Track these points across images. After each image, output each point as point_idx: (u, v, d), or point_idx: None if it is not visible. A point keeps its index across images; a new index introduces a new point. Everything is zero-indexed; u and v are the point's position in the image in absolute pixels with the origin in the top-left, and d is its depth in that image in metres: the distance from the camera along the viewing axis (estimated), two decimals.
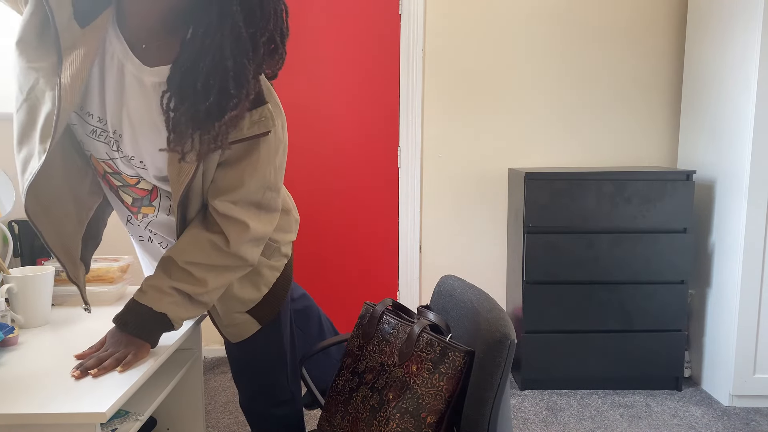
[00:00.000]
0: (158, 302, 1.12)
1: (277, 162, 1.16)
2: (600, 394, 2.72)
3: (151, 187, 1.19)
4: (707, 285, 2.74)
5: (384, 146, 3.06)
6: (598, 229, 2.67)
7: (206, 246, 1.14)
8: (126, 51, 1.05)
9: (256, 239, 1.18)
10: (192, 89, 1.00)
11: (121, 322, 1.12)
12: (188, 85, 1.00)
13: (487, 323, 1.13)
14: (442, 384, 1.16)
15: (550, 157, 3.05)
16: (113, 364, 1.07)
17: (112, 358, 1.07)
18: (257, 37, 1.01)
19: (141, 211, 1.23)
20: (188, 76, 1.00)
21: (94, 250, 1.33)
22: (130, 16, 1.04)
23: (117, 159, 1.13)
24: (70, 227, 1.20)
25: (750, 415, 2.50)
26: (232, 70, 0.99)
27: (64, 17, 1.00)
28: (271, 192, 1.17)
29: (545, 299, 2.69)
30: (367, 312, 1.43)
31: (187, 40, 1.01)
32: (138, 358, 1.09)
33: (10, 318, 1.29)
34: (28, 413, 0.92)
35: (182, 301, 1.14)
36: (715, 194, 2.67)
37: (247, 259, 1.18)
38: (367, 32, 2.99)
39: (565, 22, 2.97)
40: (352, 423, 1.29)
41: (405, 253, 3.10)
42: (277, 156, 1.15)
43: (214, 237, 1.14)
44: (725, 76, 2.60)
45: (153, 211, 1.22)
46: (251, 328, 1.35)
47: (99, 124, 1.09)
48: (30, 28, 1.03)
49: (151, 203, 1.21)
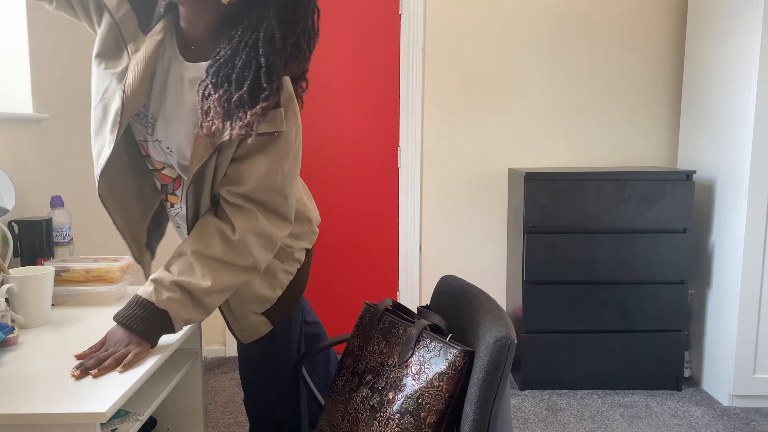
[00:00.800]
0: (159, 297, 1.14)
1: (286, 167, 1.19)
2: (600, 394, 2.73)
3: (175, 175, 1.29)
4: (707, 285, 2.74)
5: (384, 146, 3.06)
6: (598, 229, 2.67)
7: (213, 233, 1.18)
8: (176, 52, 1.20)
9: (263, 235, 1.20)
10: (227, 79, 1.11)
11: (122, 318, 1.14)
12: (224, 76, 1.11)
13: (487, 323, 1.13)
14: (442, 384, 1.16)
15: (550, 157, 3.05)
16: (113, 364, 1.08)
17: (112, 358, 1.08)
18: (287, 38, 1.14)
19: (168, 200, 1.34)
20: (224, 68, 1.12)
21: (159, 240, 1.46)
22: (184, 23, 1.20)
23: (149, 142, 1.26)
24: (136, 215, 1.36)
25: (750, 415, 2.50)
26: (265, 66, 1.11)
27: (129, 28, 1.20)
28: (278, 196, 1.20)
29: (545, 299, 2.70)
30: (367, 312, 1.43)
31: (227, 38, 1.14)
32: (138, 358, 1.10)
33: (10, 318, 1.29)
34: (28, 413, 0.92)
35: (184, 300, 1.15)
36: (715, 194, 2.68)
37: (254, 254, 1.19)
38: (367, 32, 2.99)
39: (566, 22, 2.97)
40: (352, 423, 1.29)
41: (405, 253, 3.10)
42: (286, 161, 1.19)
43: (222, 224, 1.19)
44: (725, 76, 2.60)
45: (177, 200, 1.33)
46: (264, 329, 1.38)
47: (143, 109, 1.24)
48: (106, 42, 1.22)
49: (174, 192, 1.32)
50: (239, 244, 1.17)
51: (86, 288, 1.52)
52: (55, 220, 1.77)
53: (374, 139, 3.06)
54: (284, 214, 1.23)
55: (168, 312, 1.14)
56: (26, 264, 1.68)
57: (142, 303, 1.13)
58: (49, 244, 1.72)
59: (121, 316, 1.14)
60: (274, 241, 1.22)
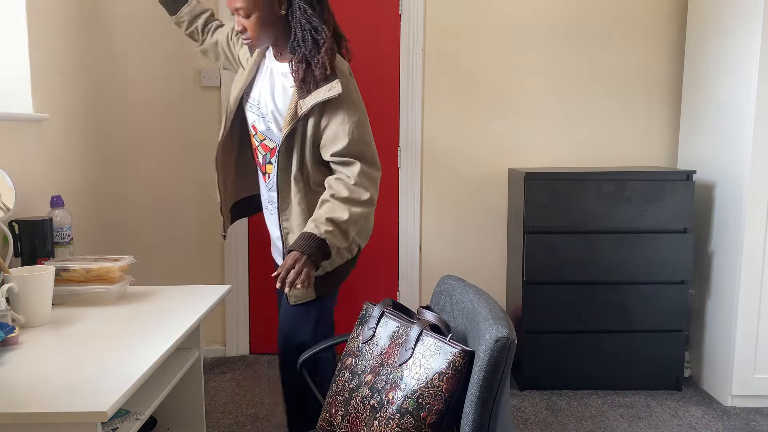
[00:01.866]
0: (319, 230, 1.57)
1: (359, 117, 1.65)
2: (600, 394, 2.73)
3: (273, 145, 1.75)
4: (707, 285, 2.74)
5: (384, 146, 3.06)
6: (598, 229, 2.67)
7: (339, 183, 1.64)
8: (272, 59, 1.77)
9: (368, 176, 1.65)
10: (298, 46, 1.63)
11: (297, 246, 1.56)
12: (296, 45, 1.63)
13: (487, 323, 1.13)
14: (442, 384, 1.16)
15: (550, 157, 3.05)
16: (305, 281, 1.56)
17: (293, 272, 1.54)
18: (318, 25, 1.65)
19: (266, 171, 1.79)
20: (294, 43, 1.64)
21: (238, 216, 1.99)
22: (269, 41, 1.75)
23: (257, 120, 1.76)
24: (232, 177, 1.92)
25: (750, 415, 2.51)
26: (310, 32, 1.63)
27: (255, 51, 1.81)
28: (364, 144, 1.66)
29: (545, 299, 2.70)
30: (367, 312, 1.43)
31: (291, 36, 1.66)
32: (311, 277, 1.57)
33: (10, 317, 1.30)
34: (29, 412, 0.92)
35: (335, 231, 1.58)
36: (715, 194, 2.68)
37: (369, 190, 1.64)
38: (367, 32, 3.00)
39: (565, 22, 2.97)
40: (352, 423, 1.29)
41: (405, 253, 3.10)
42: (357, 113, 1.65)
43: (341, 176, 1.65)
44: (725, 76, 2.60)
45: (272, 169, 1.77)
46: (308, 295, 1.73)
47: (252, 100, 1.77)
48: (246, 65, 1.83)
49: (271, 160, 1.77)
50: (357, 185, 1.63)
51: (86, 288, 1.53)
52: (55, 220, 1.77)
53: (374, 139, 3.05)
54: (373, 158, 1.68)
55: (326, 240, 1.56)
56: (26, 264, 1.68)
57: (309, 236, 1.57)
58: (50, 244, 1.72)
59: (296, 245, 1.57)
60: (375, 179, 1.67)
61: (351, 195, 1.61)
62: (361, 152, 1.65)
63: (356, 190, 1.62)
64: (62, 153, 2.17)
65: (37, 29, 2.02)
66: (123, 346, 1.21)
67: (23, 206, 1.88)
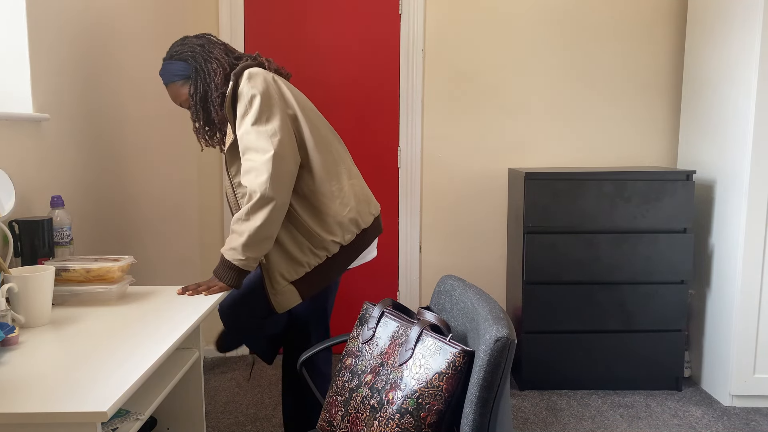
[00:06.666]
0: (233, 257, 1.63)
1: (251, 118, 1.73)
2: (600, 394, 2.73)
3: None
4: (707, 285, 2.74)
5: (384, 146, 3.06)
6: (598, 229, 2.67)
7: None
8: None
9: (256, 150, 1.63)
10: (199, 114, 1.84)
11: (216, 273, 1.64)
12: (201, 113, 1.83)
13: (487, 323, 1.13)
14: (442, 384, 1.16)
15: (550, 157, 3.05)
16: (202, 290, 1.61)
17: (202, 289, 1.61)
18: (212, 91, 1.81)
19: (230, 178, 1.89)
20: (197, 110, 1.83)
21: None
22: None
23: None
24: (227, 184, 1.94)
25: (750, 415, 2.51)
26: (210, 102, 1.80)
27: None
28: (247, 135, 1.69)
29: (545, 299, 2.70)
30: (367, 312, 1.43)
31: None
32: (216, 291, 1.61)
33: (10, 317, 1.30)
34: (29, 412, 0.92)
35: (247, 256, 1.61)
36: (715, 194, 2.68)
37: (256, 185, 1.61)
38: (367, 32, 3.00)
39: (565, 22, 2.97)
40: (352, 423, 1.29)
41: (405, 253, 3.10)
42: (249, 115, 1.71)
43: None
44: (725, 76, 2.60)
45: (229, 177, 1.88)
46: (293, 299, 1.73)
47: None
48: None
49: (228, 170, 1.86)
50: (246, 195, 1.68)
51: (86, 288, 1.52)
52: (56, 220, 1.77)
53: (374, 140, 3.06)
54: (261, 147, 1.67)
55: (240, 267, 1.60)
56: (27, 264, 1.68)
57: (226, 264, 1.62)
58: (50, 244, 1.72)
59: (217, 272, 1.64)
60: (266, 134, 1.63)
61: (242, 213, 1.62)
62: (246, 145, 1.67)
63: (244, 205, 1.64)
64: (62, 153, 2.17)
65: (37, 29, 2.02)
66: (123, 346, 1.21)
67: (23, 206, 1.88)
